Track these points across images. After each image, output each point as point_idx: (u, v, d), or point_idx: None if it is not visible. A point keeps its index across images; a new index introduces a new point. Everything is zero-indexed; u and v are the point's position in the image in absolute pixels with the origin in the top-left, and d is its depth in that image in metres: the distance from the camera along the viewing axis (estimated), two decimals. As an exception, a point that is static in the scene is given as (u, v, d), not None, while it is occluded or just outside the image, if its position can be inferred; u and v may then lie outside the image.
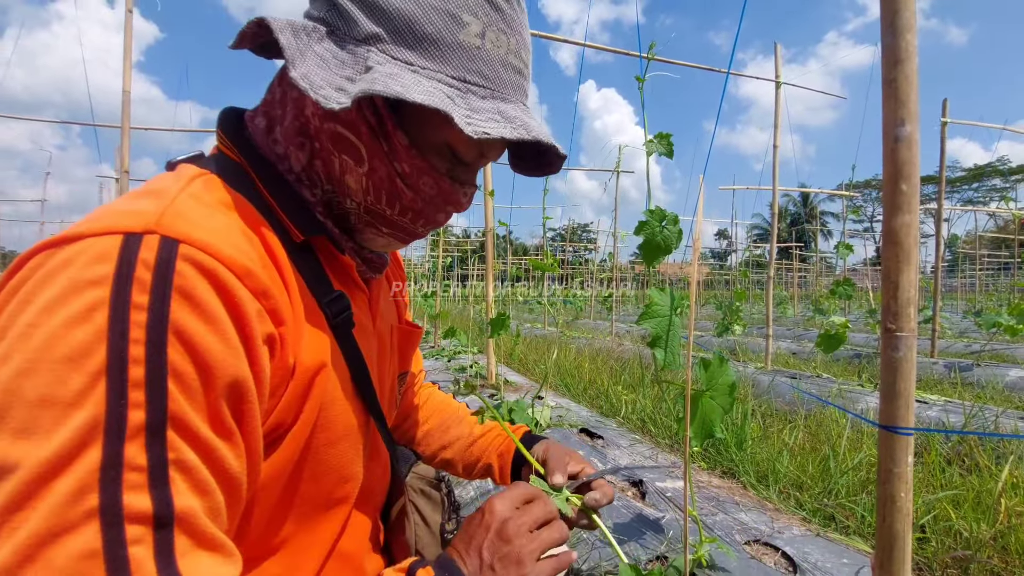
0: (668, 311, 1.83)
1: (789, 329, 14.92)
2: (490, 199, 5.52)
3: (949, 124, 7.78)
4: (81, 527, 0.58)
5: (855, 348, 9.41)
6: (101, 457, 0.61)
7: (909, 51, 1.03)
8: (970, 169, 69.09)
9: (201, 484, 0.68)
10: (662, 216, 2.05)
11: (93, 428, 0.61)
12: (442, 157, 0.96)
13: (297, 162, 0.97)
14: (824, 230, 45.43)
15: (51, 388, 0.61)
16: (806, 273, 36.06)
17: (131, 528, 0.60)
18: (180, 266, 0.69)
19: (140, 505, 0.61)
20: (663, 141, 2.12)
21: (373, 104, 0.90)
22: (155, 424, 0.64)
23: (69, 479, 0.59)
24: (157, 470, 0.63)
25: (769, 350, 7.49)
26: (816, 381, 6.30)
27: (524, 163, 1.17)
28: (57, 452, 0.59)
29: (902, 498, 1.08)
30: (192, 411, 0.68)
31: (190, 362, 0.68)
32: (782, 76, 7.08)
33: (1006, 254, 29.41)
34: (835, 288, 8.03)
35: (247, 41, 0.88)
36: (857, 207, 15.71)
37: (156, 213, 0.73)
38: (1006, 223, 32.25)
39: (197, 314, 0.69)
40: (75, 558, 0.57)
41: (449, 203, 1.02)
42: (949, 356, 8.81)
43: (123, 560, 0.59)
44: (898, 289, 1.07)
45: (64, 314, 0.64)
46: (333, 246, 1.02)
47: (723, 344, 10.84)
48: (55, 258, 0.68)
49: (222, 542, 0.70)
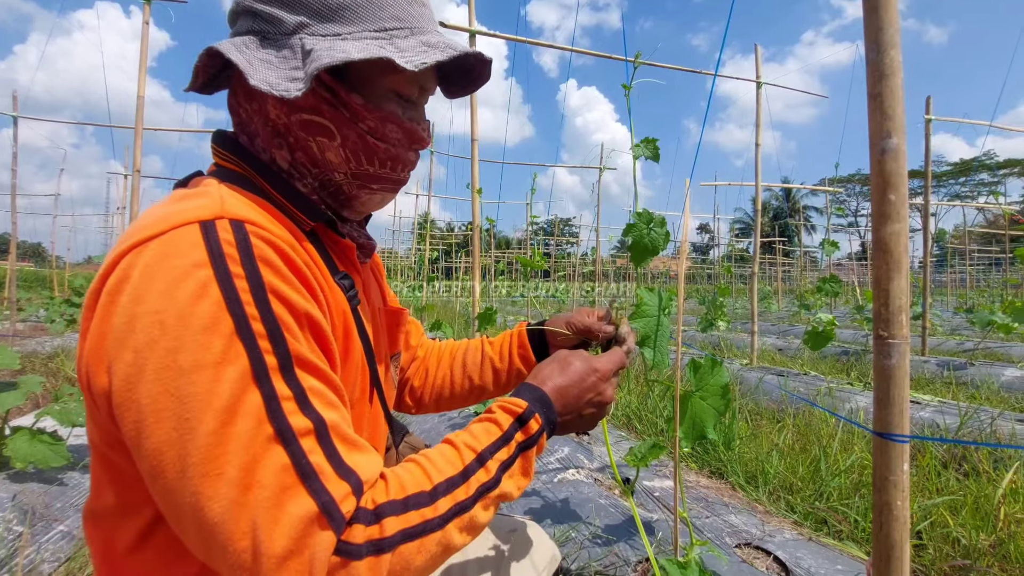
0: (656, 311, 1.82)
1: (774, 325, 14.91)
2: (478, 196, 5.50)
3: (933, 121, 7.82)
4: (269, 450, 0.75)
5: (843, 345, 9.36)
6: (260, 396, 0.76)
7: (893, 67, 1.04)
8: (956, 164, 69.02)
9: (331, 402, 0.85)
10: (649, 219, 2.05)
11: (244, 375, 0.76)
12: (393, 103, 1.08)
13: (284, 161, 1.07)
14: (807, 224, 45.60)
15: (200, 355, 0.74)
16: (790, 268, 36.14)
17: (304, 441, 0.78)
18: (254, 240, 0.84)
19: (302, 424, 0.79)
20: (649, 145, 2.12)
21: (323, 83, 1.01)
22: (285, 363, 0.80)
23: (246, 419, 0.75)
24: (301, 396, 0.80)
25: (755, 346, 7.51)
26: (804, 379, 6.28)
27: (455, 86, 1.28)
28: (228, 401, 0.74)
29: (898, 506, 1.07)
30: (304, 348, 0.84)
31: (288, 312, 0.83)
32: (763, 76, 7.19)
33: (996, 249, 29.57)
34: (821, 285, 8.05)
35: (200, 76, 1.03)
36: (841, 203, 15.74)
37: (215, 204, 0.86)
38: (995, 218, 32.44)
39: (279, 276, 0.84)
40: (276, 474, 0.74)
41: (414, 141, 1.14)
42: (940, 354, 8.70)
43: (308, 466, 0.77)
44: (889, 296, 1.07)
45: (184, 295, 0.76)
46: (335, 233, 1.12)
47: (707, 339, 10.83)
48: (145, 255, 0.80)
49: (363, 442, 0.88)
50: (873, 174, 1.07)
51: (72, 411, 3.48)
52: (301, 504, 0.75)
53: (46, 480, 3.34)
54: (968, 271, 29.04)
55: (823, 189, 13.16)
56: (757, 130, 7.14)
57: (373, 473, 0.86)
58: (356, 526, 0.78)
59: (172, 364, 0.74)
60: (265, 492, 0.73)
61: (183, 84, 1.06)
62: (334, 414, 0.84)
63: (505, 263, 21.09)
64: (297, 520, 0.73)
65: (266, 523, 0.72)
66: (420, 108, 1.17)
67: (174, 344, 0.74)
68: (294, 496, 0.75)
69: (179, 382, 0.73)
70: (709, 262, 38.12)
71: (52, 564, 2.64)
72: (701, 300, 12.80)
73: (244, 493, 0.72)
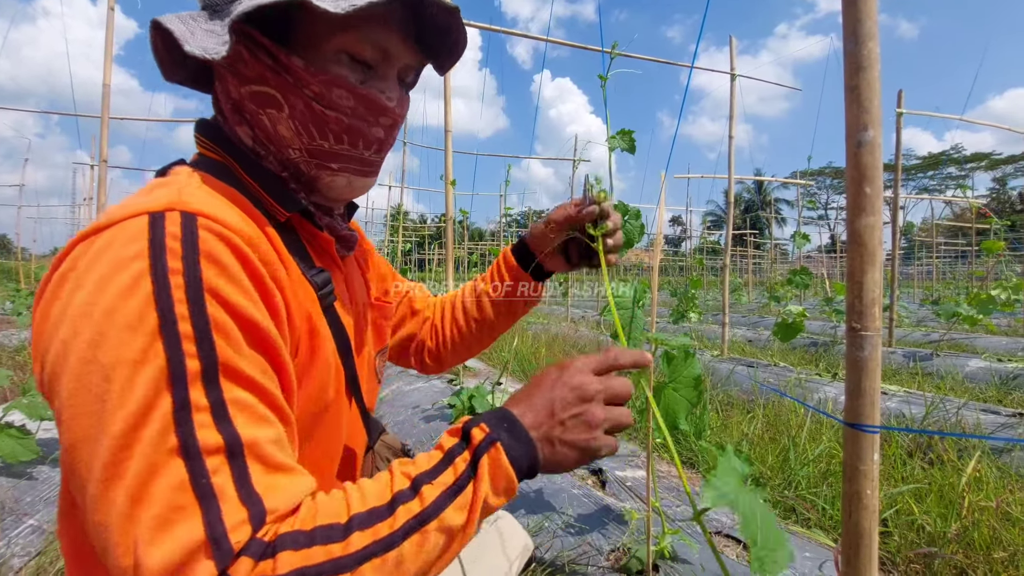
0: (630, 304, 1.83)
1: (744, 316, 15.04)
2: (451, 188, 5.50)
3: (904, 115, 7.90)
4: (169, 463, 0.69)
5: (811, 336, 9.49)
6: (172, 402, 0.70)
7: (871, 59, 1.04)
8: (925, 157, 69.61)
9: (260, 416, 0.78)
10: (625, 211, 2.05)
11: (159, 379, 0.70)
12: (347, 67, 1.00)
13: (247, 137, 1.04)
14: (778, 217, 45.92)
15: (120, 352, 0.71)
16: (760, 260, 36.36)
17: (209, 460, 0.71)
18: (202, 234, 0.79)
19: (212, 440, 0.71)
20: (625, 137, 2.12)
21: (263, 47, 0.96)
22: (209, 370, 0.74)
23: (152, 425, 0.69)
24: (219, 408, 0.73)
25: (726, 338, 7.57)
26: (773, 370, 6.34)
27: (440, 56, 1.16)
28: (138, 404, 0.69)
29: (868, 495, 1.08)
30: (236, 355, 0.77)
31: (226, 314, 0.77)
32: (737, 69, 7.21)
33: (963, 242, 29.91)
34: (792, 278, 8.12)
35: (160, 57, 0.99)
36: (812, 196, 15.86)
37: (171, 196, 0.82)
38: (963, 211, 32.80)
39: (224, 274, 0.78)
40: (170, 490, 0.68)
41: (374, 111, 1.03)
42: (907, 345, 8.85)
43: (207, 486, 0.70)
44: (863, 289, 1.07)
45: (115, 288, 0.73)
46: (312, 225, 1.07)
47: (678, 331, 10.88)
48: (94, 245, 0.78)
49: (291, 465, 0.80)
50: (849, 167, 1.07)
51: (40, 405, 3.43)
52: (188, 528, 0.68)
53: (15, 474, 3.32)
54: (935, 264, 29.39)
55: (795, 182, 13.30)
56: (731, 123, 7.17)
57: (288, 500, 0.76)
58: (243, 559, 0.69)
59: (92, 358, 0.71)
60: (154, 509, 0.68)
61: (151, 72, 1.03)
62: (259, 431, 0.76)
63: (479, 255, 21.05)
64: (179, 546, 0.67)
65: (147, 543, 0.67)
66: (388, 78, 1.05)
67: (96, 338, 0.71)
68: (183, 518, 0.68)
69: (96, 378, 0.70)
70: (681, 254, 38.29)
71: (22, 559, 2.62)
72: (673, 292, 12.87)
73: (135, 506, 0.67)
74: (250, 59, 0.96)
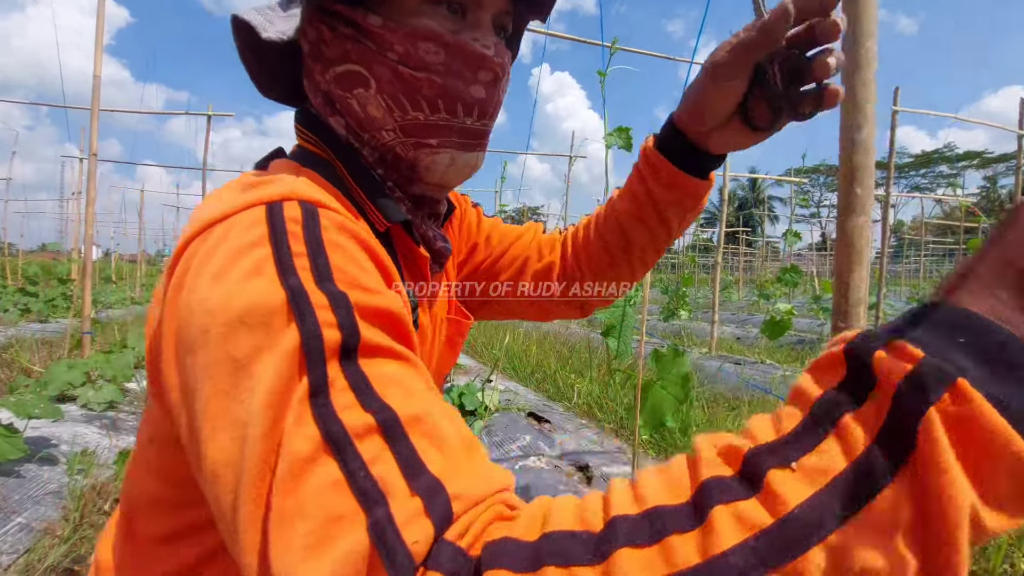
0: (622, 302, 1.83)
1: (733, 314, 15.08)
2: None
3: (900, 112, 7.89)
4: (316, 460, 0.54)
5: (799, 334, 9.54)
6: (308, 385, 0.57)
7: (868, 58, 1.02)
8: (917, 155, 69.95)
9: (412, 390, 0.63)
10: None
11: (291, 359, 0.58)
12: (426, 16, 0.88)
13: (340, 127, 0.95)
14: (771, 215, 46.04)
15: (250, 341, 0.60)
16: (752, 258, 36.39)
17: (363, 446, 0.55)
18: (324, 222, 0.70)
19: (360, 421, 0.56)
20: (622, 134, 2.10)
21: (341, 18, 0.89)
22: (349, 345, 0.61)
23: (289, 417, 0.56)
24: (361, 385, 0.59)
25: (714, 335, 7.58)
26: (760, 367, 6.39)
27: (533, 3, 1.05)
28: (267, 395, 0.56)
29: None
30: (376, 335, 0.64)
31: (359, 294, 0.66)
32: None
33: (951, 240, 29.94)
34: (782, 276, 8.14)
35: (248, 61, 0.93)
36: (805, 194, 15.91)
37: (286, 187, 0.74)
38: (952, 209, 32.87)
39: (351, 262, 0.69)
40: (321, 493, 0.53)
41: (470, 63, 0.90)
42: (892, 342, 8.86)
43: (369, 481, 0.53)
44: (849, 289, 1.07)
45: (236, 276, 0.63)
46: (411, 239, 0.97)
47: (669, 328, 10.94)
48: (209, 240, 0.69)
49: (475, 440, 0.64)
50: (842, 166, 1.06)
51: (28, 403, 3.40)
52: (350, 542, 0.51)
53: (3, 472, 3.30)
54: (923, 262, 29.46)
55: (789, 180, 13.31)
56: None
57: (481, 483, 0.57)
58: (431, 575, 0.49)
59: (224, 359, 0.60)
60: (307, 525, 0.52)
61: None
62: (417, 404, 0.61)
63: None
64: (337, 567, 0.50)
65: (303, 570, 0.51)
66: (480, 23, 0.92)
67: (225, 331, 0.61)
68: (344, 529, 0.52)
69: (225, 376, 0.60)
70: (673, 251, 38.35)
71: (11, 556, 2.62)
72: (664, 290, 12.87)
73: (283, 526, 0.53)
74: (331, 38, 0.90)
